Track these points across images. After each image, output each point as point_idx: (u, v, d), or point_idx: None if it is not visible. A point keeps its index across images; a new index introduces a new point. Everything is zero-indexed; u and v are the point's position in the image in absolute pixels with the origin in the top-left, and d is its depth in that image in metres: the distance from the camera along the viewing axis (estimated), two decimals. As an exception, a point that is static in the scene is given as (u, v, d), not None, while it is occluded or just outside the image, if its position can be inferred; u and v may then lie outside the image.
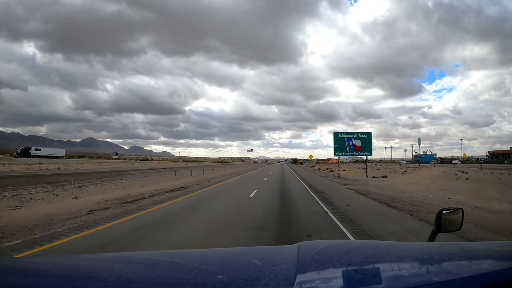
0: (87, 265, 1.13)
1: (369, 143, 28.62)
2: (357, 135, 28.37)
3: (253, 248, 2.32)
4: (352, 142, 27.96)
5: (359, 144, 28.19)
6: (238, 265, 1.06)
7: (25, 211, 8.07)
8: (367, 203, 10.43)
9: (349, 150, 28.06)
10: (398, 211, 8.56)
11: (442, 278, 0.86)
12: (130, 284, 0.87)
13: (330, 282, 0.89)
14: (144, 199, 10.70)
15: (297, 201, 10.42)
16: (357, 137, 28.32)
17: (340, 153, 28.06)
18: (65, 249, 4.80)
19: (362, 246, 1.36)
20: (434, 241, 1.61)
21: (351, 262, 1.06)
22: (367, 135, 28.76)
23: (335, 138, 27.99)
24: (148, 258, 1.25)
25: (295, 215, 7.60)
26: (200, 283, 0.83)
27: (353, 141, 28.02)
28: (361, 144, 28.21)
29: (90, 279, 0.94)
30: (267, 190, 14.02)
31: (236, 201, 10.57)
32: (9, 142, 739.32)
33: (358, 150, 28.23)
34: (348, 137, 28.18)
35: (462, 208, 1.77)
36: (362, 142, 28.29)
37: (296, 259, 0.98)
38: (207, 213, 8.11)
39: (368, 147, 28.57)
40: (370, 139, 28.76)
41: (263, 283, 0.80)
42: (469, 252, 1.20)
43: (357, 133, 28.46)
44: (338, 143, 27.89)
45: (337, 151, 27.91)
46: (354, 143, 28.08)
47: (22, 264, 1.19)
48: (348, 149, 27.97)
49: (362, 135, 28.48)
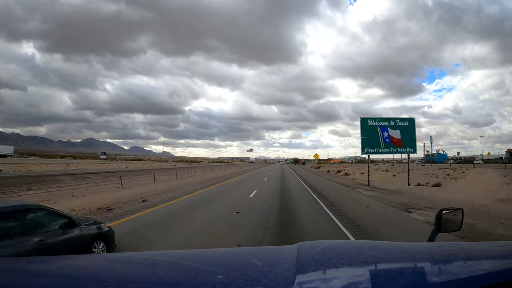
0: (87, 265, 1.16)
1: (412, 135, 18.71)
2: (395, 122, 18.50)
3: (253, 248, 2.51)
4: (387, 132, 17.92)
5: (398, 135, 18.32)
6: (238, 265, 1.08)
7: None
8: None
9: (383, 145, 18.08)
10: None
11: (442, 278, 0.87)
12: (130, 284, 0.88)
13: (330, 282, 0.89)
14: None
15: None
16: (395, 125, 18.42)
17: (370, 149, 18.18)
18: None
19: (362, 247, 1.34)
20: (434, 241, 1.62)
21: (351, 263, 1.06)
22: (409, 122, 18.85)
23: (363, 127, 18.09)
24: (148, 258, 1.27)
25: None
26: (200, 283, 0.84)
27: (389, 131, 17.96)
28: (401, 135, 18.11)
29: (90, 279, 0.95)
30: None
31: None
32: (9, 142, 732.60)
33: (396, 144, 18.22)
34: (382, 126, 18.29)
35: (462, 208, 1.79)
36: (403, 133, 18.43)
37: (296, 260, 0.98)
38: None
39: (411, 140, 18.63)
40: (413, 129, 18.79)
41: (263, 283, 0.81)
42: (469, 252, 1.21)
43: (395, 120, 18.59)
44: (368, 133, 18.01)
45: (367, 147, 18.04)
46: (390, 134, 17.99)
47: (22, 264, 1.23)
48: (382, 142, 18.10)
49: (402, 123, 18.70)
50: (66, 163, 59.36)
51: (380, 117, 19.73)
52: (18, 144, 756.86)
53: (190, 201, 12.00)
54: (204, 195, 14.25)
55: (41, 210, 4.28)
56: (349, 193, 15.42)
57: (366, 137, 18.73)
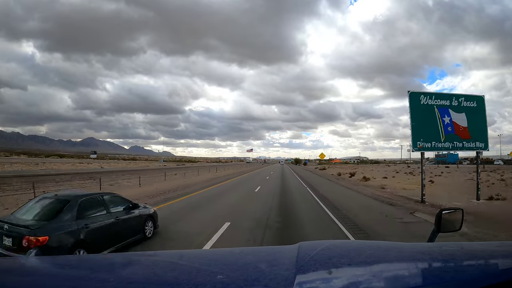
0: (87, 265, 1.16)
1: (482, 121, 11.65)
2: (459, 101, 11.31)
3: (253, 248, 2.46)
4: (449, 117, 10.81)
5: (464, 121, 11.08)
6: (238, 265, 1.08)
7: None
8: None
9: (444, 137, 11.02)
10: None
11: (442, 278, 0.85)
12: (130, 284, 0.88)
13: (330, 282, 0.89)
14: None
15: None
16: (458, 105, 11.31)
17: (426, 143, 11.01)
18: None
19: (362, 247, 1.34)
20: (434, 241, 1.60)
21: (351, 263, 1.06)
22: (477, 102, 11.80)
23: (413, 107, 11.07)
24: (148, 258, 1.27)
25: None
26: (200, 283, 0.84)
27: (451, 116, 10.85)
28: (467, 122, 11.01)
29: (90, 279, 0.94)
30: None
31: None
32: (9, 141, 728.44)
33: (462, 136, 11.20)
34: (441, 106, 11.11)
35: (462, 209, 1.81)
36: (469, 118, 11.17)
37: (296, 260, 0.98)
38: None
39: (481, 130, 11.61)
40: (483, 113, 11.75)
41: (263, 283, 0.81)
42: (469, 252, 1.20)
43: (459, 98, 11.38)
44: (420, 117, 10.87)
45: (420, 139, 10.82)
46: (454, 119, 10.93)
47: (22, 264, 1.22)
48: (442, 132, 10.87)
49: (468, 102, 11.42)
50: (38, 162, 53.64)
51: (438, 92, 12.40)
52: (18, 143, 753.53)
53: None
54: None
55: (114, 196, 6.15)
56: (420, 227, 7.58)
57: (418, 123, 11.61)
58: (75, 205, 4.85)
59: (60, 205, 4.78)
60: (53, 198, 5.04)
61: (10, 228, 4.30)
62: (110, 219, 5.38)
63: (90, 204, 5.19)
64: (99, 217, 5.20)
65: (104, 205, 5.45)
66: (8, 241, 4.21)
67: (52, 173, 28.95)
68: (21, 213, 4.84)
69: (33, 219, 4.55)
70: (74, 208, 4.80)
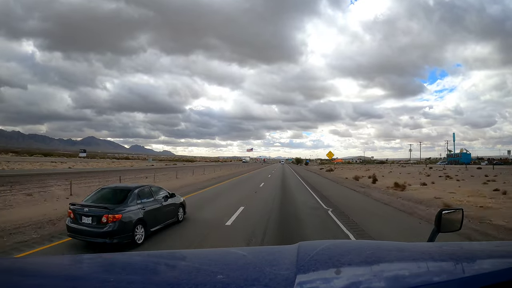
0: (87, 265, 1.15)
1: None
2: None
3: (253, 248, 2.52)
4: None
5: None
6: (238, 265, 1.07)
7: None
8: None
9: None
10: None
11: (442, 278, 0.86)
12: (130, 284, 0.87)
13: (330, 282, 0.88)
14: None
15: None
16: None
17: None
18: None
19: (362, 246, 1.35)
20: (434, 241, 1.60)
21: (351, 262, 1.05)
22: None
23: None
24: (148, 258, 1.27)
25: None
26: (200, 283, 0.83)
27: None
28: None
29: (90, 279, 0.94)
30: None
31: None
32: (9, 140, 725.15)
33: None
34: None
35: (462, 208, 1.79)
36: None
37: (296, 259, 0.97)
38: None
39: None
40: None
41: (263, 283, 0.80)
42: (469, 252, 1.20)
43: None
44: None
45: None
46: None
47: (22, 264, 1.22)
48: None
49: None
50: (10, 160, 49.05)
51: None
52: (19, 142, 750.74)
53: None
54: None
55: (158, 188, 7.72)
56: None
57: None
58: (135, 193, 6.51)
59: (124, 193, 6.43)
60: (116, 188, 6.84)
61: (89, 210, 5.79)
62: (157, 205, 7.01)
63: (143, 193, 6.80)
64: (150, 202, 6.82)
65: (152, 194, 7.10)
66: (87, 220, 5.74)
67: (37, 173, 26.15)
68: (91, 200, 6.37)
69: (107, 203, 6.05)
70: (135, 195, 6.46)
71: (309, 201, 12.88)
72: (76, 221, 5.83)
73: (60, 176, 24.25)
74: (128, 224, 5.80)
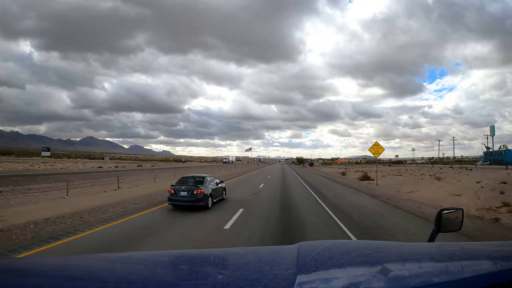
0: (87, 265, 1.15)
1: None
2: None
3: (253, 248, 2.46)
4: None
5: None
6: (238, 265, 1.08)
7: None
8: None
9: None
10: None
11: (442, 278, 0.86)
12: (130, 284, 0.87)
13: (330, 282, 0.88)
14: None
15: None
16: None
17: None
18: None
19: (362, 247, 1.34)
20: (434, 241, 1.60)
21: (352, 263, 1.06)
22: None
23: None
24: (148, 258, 1.26)
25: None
26: (200, 283, 0.84)
27: None
28: None
29: (90, 279, 0.94)
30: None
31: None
32: (8, 141, 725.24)
33: None
34: None
35: (462, 208, 1.79)
36: None
37: (296, 260, 0.97)
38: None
39: None
40: None
41: (263, 283, 0.80)
42: (469, 252, 1.20)
43: None
44: None
45: None
46: None
47: (22, 264, 1.21)
48: None
49: None
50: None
51: None
52: (17, 142, 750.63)
53: None
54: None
55: (213, 176, 12.27)
56: None
57: None
58: (207, 178, 11.23)
59: (201, 178, 11.07)
60: (195, 176, 11.49)
61: (185, 187, 10.19)
62: (215, 186, 11.48)
63: (209, 178, 11.48)
64: (212, 185, 11.28)
65: (213, 180, 11.72)
66: (183, 193, 10.01)
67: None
68: (180, 183, 10.88)
69: (193, 185, 10.48)
70: (207, 180, 11.14)
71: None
72: (175, 194, 10.11)
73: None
74: (206, 196, 10.27)
